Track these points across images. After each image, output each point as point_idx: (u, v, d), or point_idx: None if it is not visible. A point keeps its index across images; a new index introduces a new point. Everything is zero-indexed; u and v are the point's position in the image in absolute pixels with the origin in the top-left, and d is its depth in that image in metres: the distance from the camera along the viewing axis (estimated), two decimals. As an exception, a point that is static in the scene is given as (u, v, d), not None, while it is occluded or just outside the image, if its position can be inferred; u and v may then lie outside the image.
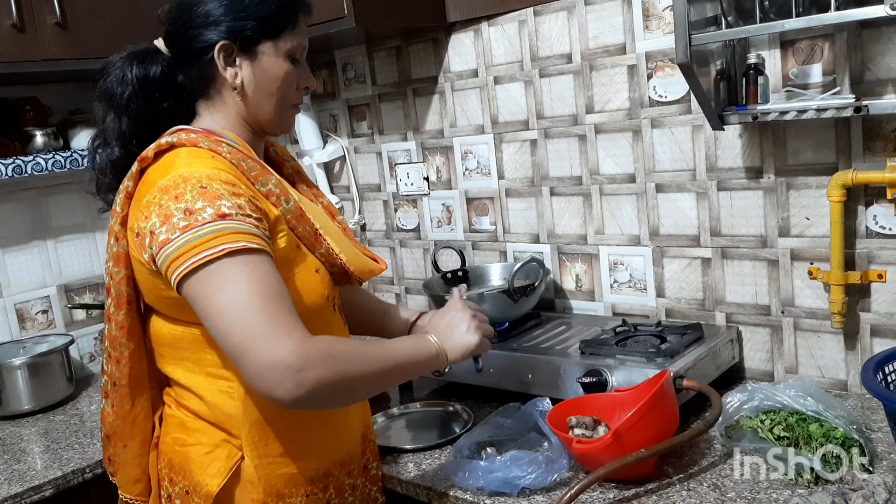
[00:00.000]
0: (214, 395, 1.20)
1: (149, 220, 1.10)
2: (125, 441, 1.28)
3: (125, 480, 1.31)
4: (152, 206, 1.11)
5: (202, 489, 1.19)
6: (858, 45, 1.44)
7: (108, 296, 1.22)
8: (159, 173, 1.15)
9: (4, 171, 1.99)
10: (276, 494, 1.20)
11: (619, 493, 1.28)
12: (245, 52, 1.21)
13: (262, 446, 1.20)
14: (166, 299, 1.17)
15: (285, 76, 1.24)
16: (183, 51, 1.22)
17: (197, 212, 1.07)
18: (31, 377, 2.02)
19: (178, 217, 1.07)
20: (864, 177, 1.43)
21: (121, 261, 1.19)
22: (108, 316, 1.22)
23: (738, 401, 1.37)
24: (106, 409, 1.27)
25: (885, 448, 1.31)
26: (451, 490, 1.35)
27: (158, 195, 1.11)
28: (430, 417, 1.67)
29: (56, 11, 1.88)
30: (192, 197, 1.08)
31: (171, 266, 1.07)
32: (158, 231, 1.08)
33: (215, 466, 1.19)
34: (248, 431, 1.19)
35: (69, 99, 2.26)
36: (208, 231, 1.06)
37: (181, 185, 1.10)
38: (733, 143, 1.62)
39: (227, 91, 1.23)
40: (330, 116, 2.41)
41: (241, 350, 1.03)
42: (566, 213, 1.93)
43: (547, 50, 1.87)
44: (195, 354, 1.20)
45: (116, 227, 1.19)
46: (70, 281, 2.31)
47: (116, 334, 1.21)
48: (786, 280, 1.61)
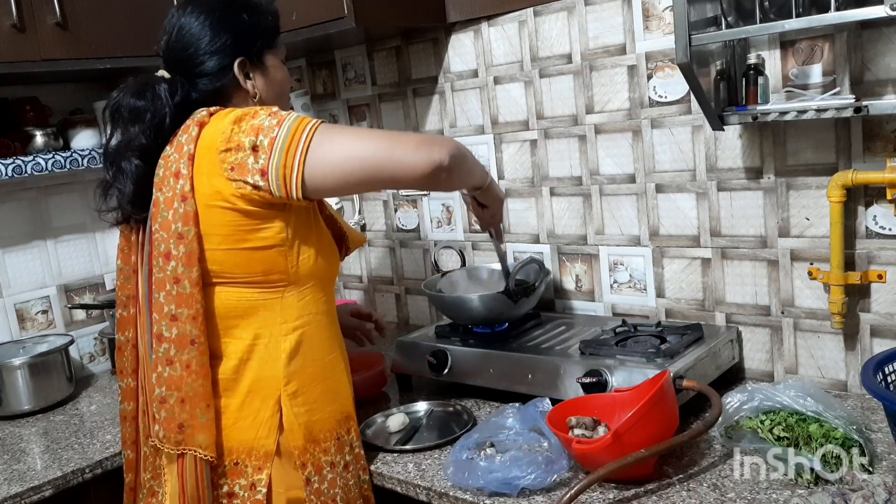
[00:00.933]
0: (260, 352, 1.34)
1: (243, 145, 1.25)
2: (207, 400, 1.31)
3: (210, 441, 1.31)
4: (236, 135, 1.25)
5: (260, 451, 1.33)
6: (858, 45, 1.44)
7: (170, 259, 1.29)
8: (216, 124, 1.29)
9: (4, 171, 1.99)
10: (312, 440, 1.36)
11: (619, 493, 1.28)
12: (256, 64, 1.41)
13: (300, 395, 1.35)
14: (236, 251, 1.30)
15: (286, 77, 1.47)
16: (197, 74, 1.37)
17: (276, 113, 1.27)
18: (31, 377, 2.02)
19: (268, 121, 1.25)
20: (864, 177, 1.43)
21: (190, 219, 1.28)
22: (175, 278, 1.29)
23: (738, 401, 1.37)
24: (174, 374, 1.30)
25: (884, 448, 1.31)
26: (451, 490, 1.35)
27: (236, 126, 1.26)
28: (430, 417, 1.67)
29: (56, 12, 1.89)
30: (266, 114, 1.27)
31: (290, 149, 1.23)
32: (260, 140, 1.24)
33: (265, 427, 1.33)
34: (286, 383, 1.34)
35: (69, 99, 2.26)
36: (296, 117, 1.26)
37: (252, 112, 1.28)
38: (733, 143, 1.62)
39: (239, 99, 1.40)
40: (330, 116, 2.41)
41: (391, 148, 1.26)
42: (566, 214, 1.93)
43: (547, 50, 1.87)
44: (245, 321, 1.34)
45: (186, 187, 1.28)
46: (70, 281, 2.31)
47: (192, 290, 1.29)
48: (786, 280, 1.61)
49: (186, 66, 1.37)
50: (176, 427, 1.30)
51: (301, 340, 1.36)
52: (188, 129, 1.32)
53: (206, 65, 1.36)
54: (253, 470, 1.33)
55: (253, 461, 1.33)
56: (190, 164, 1.29)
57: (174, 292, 1.29)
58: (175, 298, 1.29)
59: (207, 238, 1.30)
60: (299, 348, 1.36)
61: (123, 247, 1.45)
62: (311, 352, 1.38)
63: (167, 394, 1.30)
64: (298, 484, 1.34)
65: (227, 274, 1.32)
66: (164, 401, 1.31)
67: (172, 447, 1.31)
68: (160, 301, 1.30)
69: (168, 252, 1.29)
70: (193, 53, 1.36)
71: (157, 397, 1.31)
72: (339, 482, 1.38)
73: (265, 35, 1.42)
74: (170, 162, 1.31)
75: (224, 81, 1.38)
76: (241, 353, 1.34)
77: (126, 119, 1.36)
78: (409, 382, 1.86)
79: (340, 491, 1.39)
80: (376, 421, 1.66)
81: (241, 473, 1.33)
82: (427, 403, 1.73)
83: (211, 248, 1.30)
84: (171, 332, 1.30)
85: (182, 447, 1.30)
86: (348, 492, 1.40)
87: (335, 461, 1.39)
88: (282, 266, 1.33)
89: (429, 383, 1.84)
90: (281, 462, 1.34)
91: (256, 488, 1.32)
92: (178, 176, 1.29)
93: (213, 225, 1.29)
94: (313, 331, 1.38)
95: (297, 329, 1.36)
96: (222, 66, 1.37)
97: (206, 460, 1.31)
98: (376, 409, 1.72)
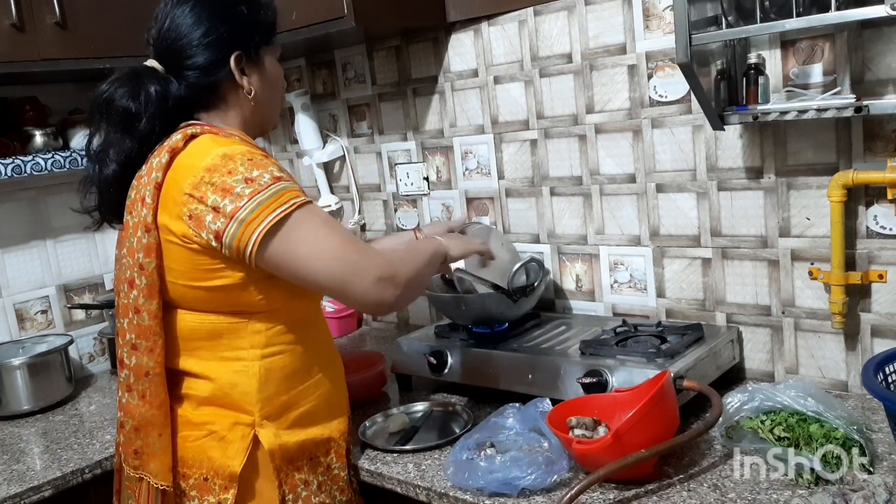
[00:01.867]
0: (229, 376, 1.30)
1: (206, 200, 1.19)
2: (160, 430, 1.30)
3: (162, 469, 1.30)
4: (203, 185, 1.19)
5: (224, 471, 1.29)
6: (859, 45, 1.43)
7: (133, 288, 1.26)
8: (190, 159, 1.23)
9: (4, 171, 1.99)
10: (288, 461, 1.32)
11: (620, 493, 1.28)
12: (252, 60, 1.34)
13: (276, 418, 1.32)
14: (195, 289, 1.26)
15: (281, 76, 1.42)
16: (189, 67, 1.30)
17: (256, 178, 1.19)
18: (31, 377, 2.01)
19: (241, 186, 1.18)
20: (865, 177, 1.42)
21: (152, 251, 1.25)
22: (135, 308, 1.26)
23: (739, 401, 1.37)
24: (132, 402, 1.29)
25: (885, 448, 1.31)
26: (450, 490, 1.35)
27: (207, 175, 1.20)
28: (430, 417, 1.67)
29: (55, 11, 1.89)
30: (244, 168, 1.20)
31: (248, 229, 1.17)
32: (223, 204, 1.18)
33: (233, 448, 1.29)
34: (261, 406, 1.30)
35: (68, 99, 2.26)
36: (274, 191, 1.19)
37: (229, 162, 1.21)
38: (734, 143, 1.62)
39: (232, 97, 1.34)
40: (330, 116, 2.41)
41: (346, 279, 1.22)
42: (566, 213, 1.93)
43: (547, 50, 1.87)
44: (210, 342, 1.30)
45: (149, 218, 1.24)
46: (69, 281, 2.31)
47: (150, 323, 1.26)
48: (786, 280, 1.60)
49: (177, 58, 1.30)
50: (132, 452, 1.31)
51: (272, 368, 1.31)
52: (161, 152, 1.26)
53: (197, 58, 1.29)
54: (220, 489, 1.30)
55: (219, 480, 1.30)
56: (156, 194, 1.24)
57: (135, 322, 1.27)
58: (136, 328, 1.27)
59: (168, 271, 1.26)
60: (269, 375, 1.31)
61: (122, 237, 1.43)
62: (283, 381, 1.32)
63: (124, 419, 1.31)
64: (273, 502, 1.31)
65: (188, 305, 1.29)
66: (122, 425, 1.32)
67: (132, 471, 1.32)
68: (124, 327, 1.29)
69: (132, 279, 1.27)
70: (186, 45, 1.29)
71: (119, 420, 1.33)
72: (313, 500, 1.36)
73: (263, 30, 1.35)
74: (141, 185, 1.27)
75: (217, 76, 1.31)
76: (209, 373, 1.31)
77: (116, 121, 1.30)
78: (409, 382, 1.86)
79: None
80: (376, 421, 1.66)
81: (209, 490, 1.30)
82: (427, 403, 1.72)
83: (172, 280, 1.27)
84: (130, 360, 1.29)
85: (139, 472, 1.31)
86: None
87: (308, 480, 1.36)
88: (244, 301, 1.28)
89: (429, 383, 1.84)
90: (255, 481, 1.31)
91: None
92: (143, 203, 1.25)
93: (174, 259, 1.26)
94: (285, 361, 1.33)
95: (267, 357, 1.31)
96: (216, 60, 1.30)
97: (157, 488, 1.29)
98: (376, 409, 1.72)
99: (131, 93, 1.29)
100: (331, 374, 1.42)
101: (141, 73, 1.31)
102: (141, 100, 1.28)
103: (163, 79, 1.30)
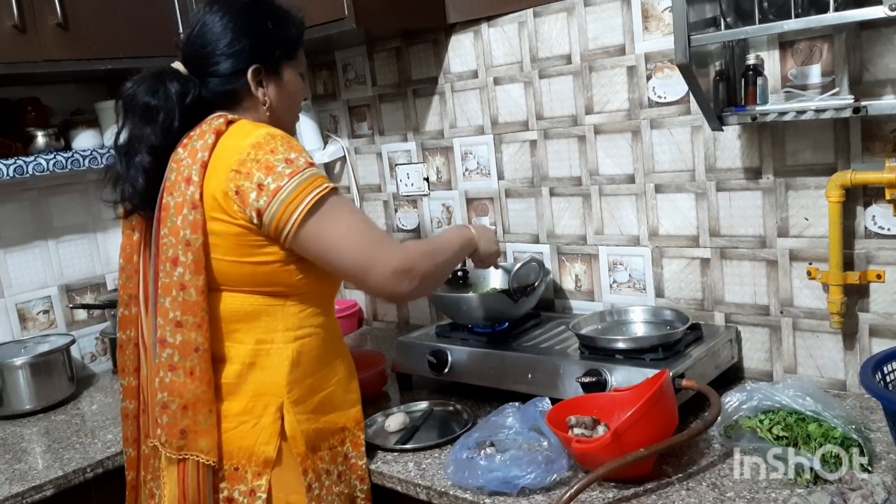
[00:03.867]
0: (263, 358, 1.35)
1: (252, 177, 1.25)
2: (210, 405, 1.31)
3: (213, 445, 1.31)
4: (249, 162, 1.26)
5: (259, 458, 1.33)
6: (857, 45, 1.44)
7: (177, 265, 1.29)
8: (234, 140, 1.30)
9: (6, 172, 2.00)
10: (311, 448, 1.37)
11: (619, 492, 1.28)
12: (271, 73, 1.41)
13: (301, 402, 1.37)
14: (240, 264, 1.31)
15: (300, 89, 1.48)
16: (211, 73, 1.38)
17: (294, 160, 1.27)
18: (33, 377, 2.02)
19: (282, 166, 1.25)
20: (863, 177, 1.43)
21: (198, 228, 1.29)
22: (181, 284, 1.29)
23: (737, 400, 1.38)
24: (177, 380, 1.30)
25: (883, 448, 1.31)
26: (450, 489, 1.36)
27: (253, 152, 1.26)
28: (430, 417, 1.67)
29: (57, 12, 1.89)
30: (284, 149, 1.27)
31: (289, 208, 1.24)
32: (267, 182, 1.25)
33: (266, 433, 1.33)
34: (289, 388, 1.35)
35: (70, 99, 2.26)
36: (309, 175, 1.27)
37: (272, 141, 1.28)
38: (732, 143, 1.62)
39: (249, 104, 1.40)
40: (330, 117, 2.41)
41: (367, 266, 1.28)
42: (566, 214, 1.93)
43: (546, 51, 1.87)
44: (248, 324, 1.35)
45: (196, 195, 1.29)
46: (71, 281, 2.32)
47: (198, 299, 1.29)
48: (784, 280, 1.61)
49: (202, 64, 1.38)
50: (178, 432, 1.30)
51: (302, 350, 1.38)
52: (204, 135, 1.32)
53: (220, 66, 1.37)
54: (252, 476, 1.33)
55: (252, 467, 1.33)
56: (202, 172, 1.29)
57: (180, 299, 1.29)
58: (181, 305, 1.29)
59: (214, 248, 1.31)
60: (300, 358, 1.37)
61: (126, 246, 1.46)
62: (310, 363, 1.39)
63: (169, 399, 1.31)
64: (300, 490, 1.35)
65: (231, 283, 1.34)
66: (166, 406, 1.31)
67: (174, 452, 1.31)
68: (165, 306, 1.31)
69: (175, 258, 1.29)
70: (211, 52, 1.37)
71: (160, 402, 1.31)
72: (334, 490, 1.40)
73: (285, 46, 1.42)
74: (182, 167, 1.31)
75: (235, 85, 1.38)
76: (244, 358, 1.35)
77: (138, 115, 1.37)
78: (410, 382, 1.87)
79: (336, 499, 1.40)
80: (376, 420, 1.67)
81: (240, 479, 1.33)
82: (427, 403, 1.73)
83: (217, 257, 1.31)
84: (175, 339, 1.30)
85: (184, 452, 1.31)
86: (343, 500, 1.42)
87: (329, 469, 1.41)
88: (284, 279, 1.34)
89: (429, 383, 1.85)
90: (282, 468, 1.34)
91: (256, 494, 1.32)
92: (189, 182, 1.29)
93: (219, 235, 1.30)
94: (314, 343, 1.40)
95: (299, 339, 1.37)
96: (236, 70, 1.37)
97: (209, 465, 1.31)
98: (376, 408, 1.73)
99: (151, 89, 1.36)
100: (346, 362, 1.48)
101: (163, 74, 1.38)
102: (160, 95, 1.35)
103: (185, 80, 1.38)
